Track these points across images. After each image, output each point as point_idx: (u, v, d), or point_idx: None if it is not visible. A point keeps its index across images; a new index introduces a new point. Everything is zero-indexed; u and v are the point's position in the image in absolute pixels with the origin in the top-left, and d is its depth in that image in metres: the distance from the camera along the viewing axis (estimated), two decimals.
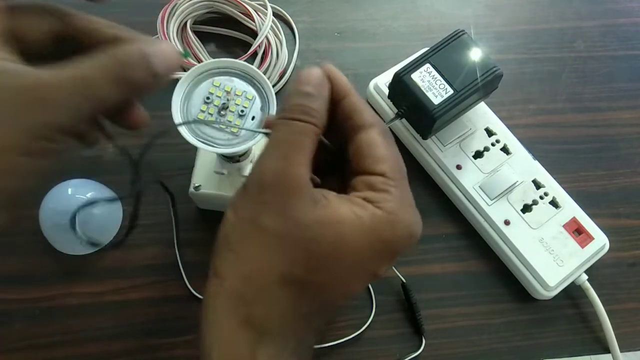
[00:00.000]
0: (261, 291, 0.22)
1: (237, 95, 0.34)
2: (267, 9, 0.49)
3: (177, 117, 0.33)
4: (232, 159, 0.40)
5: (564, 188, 0.45)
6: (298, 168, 0.23)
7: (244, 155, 0.40)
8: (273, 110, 0.34)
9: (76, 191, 0.42)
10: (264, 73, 0.48)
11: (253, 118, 0.34)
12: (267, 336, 0.22)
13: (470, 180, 0.45)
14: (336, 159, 0.27)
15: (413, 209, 0.25)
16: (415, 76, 0.41)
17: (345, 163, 0.26)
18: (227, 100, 0.34)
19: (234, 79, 0.35)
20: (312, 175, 0.24)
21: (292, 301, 0.23)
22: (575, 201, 0.44)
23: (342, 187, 0.25)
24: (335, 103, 0.26)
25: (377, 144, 0.25)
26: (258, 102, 0.35)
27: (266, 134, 0.25)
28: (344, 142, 0.26)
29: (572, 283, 0.43)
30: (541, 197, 0.44)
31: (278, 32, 0.50)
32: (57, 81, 0.20)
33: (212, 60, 0.35)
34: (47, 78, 0.20)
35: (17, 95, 0.19)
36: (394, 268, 0.42)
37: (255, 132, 0.33)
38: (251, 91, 0.35)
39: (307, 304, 0.23)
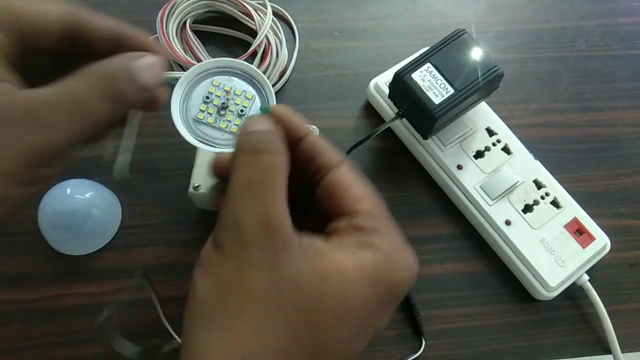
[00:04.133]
0: None
1: (236, 94, 0.34)
2: (266, 8, 0.49)
3: (176, 117, 0.33)
4: None
5: (565, 188, 0.45)
6: (280, 215, 0.20)
7: None
8: None
9: (75, 191, 0.42)
10: (264, 72, 0.47)
11: None
12: None
13: (471, 180, 0.44)
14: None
15: (405, 245, 0.22)
16: (416, 76, 0.41)
17: (308, 207, 0.24)
18: (227, 99, 0.34)
19: (234, 78, 0.35)
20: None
21: None
22: (577, 201, 0.44)
23: (310, 229, 0.22)
24: (293, 146, 0.23)
25: (350, 182, 0.23)
26: (258, 102, 0.34)
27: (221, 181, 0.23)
28: (306, 185, 0.24)
29: (574, 284, 0.43)
30: (542, 197, 0.44)
31: (278, 32, 0.50)
32: (49, 102, 0.19)
33: (212, 59, 0.35)
34: (39, 98, 0.19)
35: (10, 117, 0.18)
36: None
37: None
38: (251, 91, 0.35)
39: None
